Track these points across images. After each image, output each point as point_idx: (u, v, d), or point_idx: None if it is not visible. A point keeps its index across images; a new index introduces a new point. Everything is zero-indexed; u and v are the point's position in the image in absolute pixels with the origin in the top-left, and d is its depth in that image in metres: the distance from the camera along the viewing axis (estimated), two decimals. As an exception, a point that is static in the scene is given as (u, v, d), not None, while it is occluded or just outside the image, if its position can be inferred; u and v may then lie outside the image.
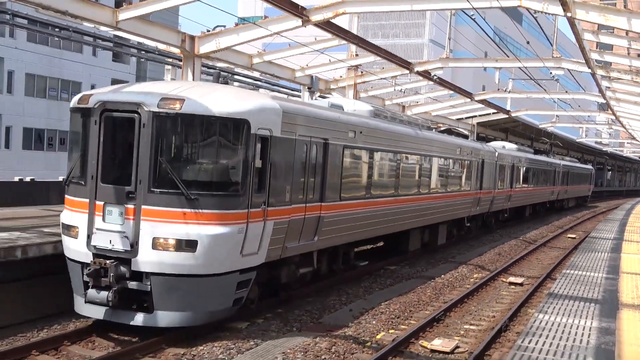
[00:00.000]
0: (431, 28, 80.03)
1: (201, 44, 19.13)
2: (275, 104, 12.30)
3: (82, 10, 15.92)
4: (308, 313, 14.02)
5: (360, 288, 17.01)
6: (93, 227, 11.13)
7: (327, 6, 17.45)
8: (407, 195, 19.73)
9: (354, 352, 11.38)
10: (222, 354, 10.89)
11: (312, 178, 13.69)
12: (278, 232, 12.29)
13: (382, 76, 28.52)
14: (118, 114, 11.17)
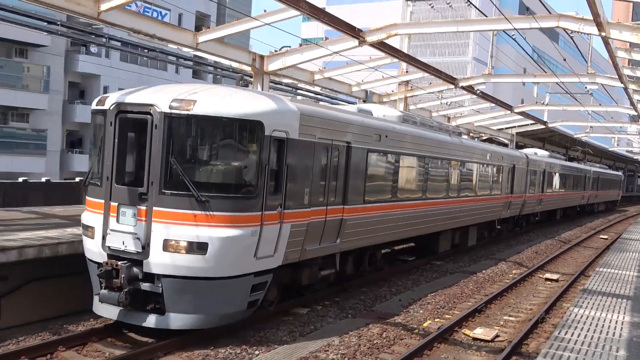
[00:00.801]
0: (474, 47, 78.84)
1: (269, 63, 19.28)
2: (292, 107, 11.02)
3: (167, 34, 16.29)
4: (362, 302, 13.95)
5: (408, 280, 16.83)
6: (107, 228, 10.09)
7: (381, 28, 17.39)
8: (435, 198, 18.07)
9: (403, 338, 11.27)
10: (286, 336, 10.95)
11: (333, 181, 12.30)
12: (296, 235, 11.01)
13: (429, 91, 28.21)
14: (132, 116, 10.09)
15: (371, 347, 10.52)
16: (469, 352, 10.84)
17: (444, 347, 10.95)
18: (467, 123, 35.62)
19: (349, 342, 10.63)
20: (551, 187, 34.97)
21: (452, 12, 27.84)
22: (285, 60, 19.20)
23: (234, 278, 9.86)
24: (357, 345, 10.48)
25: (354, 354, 10.08)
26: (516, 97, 68.74)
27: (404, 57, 20.85)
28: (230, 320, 10.21)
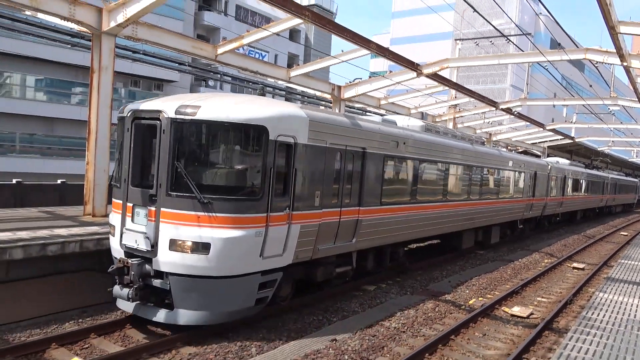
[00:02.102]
0: (512, 76, 76.13)
1: (345, 91, 19.39)
2: (301, 113, 9.39)
3: (267, 70, 16.69)
4: (418, 282, 13.71)
5: (456, 266, 16.39)
6: (124, 227, 8.90)
7: (435, 63, 17.19)
8: (455, 200, 16.05)
9: (452, 312, 10.99)
10: (357, 307, 10.90)
11: (348, 184, 10.68)
12: (306, 235, 9.51)
13: (474, 112, 27.56)
14: (145, 121, 8.81)
15: (426, 318, 10.33)
16: (507, 326, 10.44)
17: (486, 321, 10.60)
18: (505, 138, 34.59)
19: (407, 314, 10.48)
20: (572, 191, 32.37)
21: (493, 47, 27.10)
22: (358, 90, 19.29)
23: (239, 277, 8.46)
24: (415, 317, 10.31)
25: (412, 323, 9.92)
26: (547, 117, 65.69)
27: (453, 85, 20.49)
28: (237, 316, 8.78)
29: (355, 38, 14.03)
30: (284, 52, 47.88)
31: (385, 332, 9.22)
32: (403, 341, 8.94)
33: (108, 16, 11.46)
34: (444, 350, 8.77)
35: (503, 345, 9.30)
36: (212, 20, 42.72)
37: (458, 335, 9.51)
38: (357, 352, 8.15)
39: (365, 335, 8.97)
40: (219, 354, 7.91)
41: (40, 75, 33.28)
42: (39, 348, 7.65)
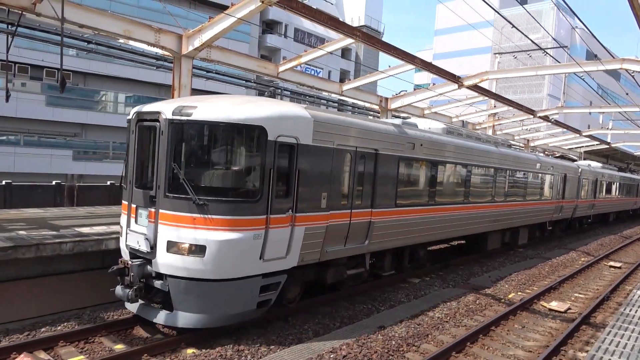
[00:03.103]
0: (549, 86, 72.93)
1: (392, 102, 19.19)
2: (304, 113, 8.25)
3: (322, 85, 16.77)
4: (459, 276, 13.34)
5: (495, 262, 15.84)
6: (129, 228, 8.13)
7: (475, 75, 16.71)
8: (478, 202, 14.46)
9: (492, 305, 10.62)
10: (403, 298, 10.75)
11: (359, 186, 9.51)
12: (312, 237, 8.44)
13: (513, 120, 26.58)
14: (147, 123, 7.96)
15: (467, 310, 10.05)
16: (545, 319, 9.98)
17: (525, 314, 10.18)
18: (543, 144, 33.16)
19: (450, 305, 10.22)
20: (604, 194, 29.54)
21: (531, 59, 26.09)
22: (403, 101, 19.03)
23: (238, 280, 7.49)
24: (457, 308, 10.05)
25: (454, 314, 9.67)
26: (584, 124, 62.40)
27: (493, 95, 19.84)
28: (238, 320, 7.79)
29: (402, 54, 13.87)
30: (337, 68, 48.00)
31: (429, 322, 9.04)
32: (446, 330, 8.73)
33: (187, 41, 11.88)
34: (485, 340, 8.49)
35: (541, 337, 8.90)
36: (274, 42, 43.45)
37: (498, 326, 9.19)
38: (403, 338, 8.04)
39: (411, 323, 8.83)
40: (281, 335, 8.01)
41: (130, 92, 34.99)
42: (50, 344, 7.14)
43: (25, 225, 10.07)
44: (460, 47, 77.46)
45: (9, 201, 15.37)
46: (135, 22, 11.36)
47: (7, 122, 29.47)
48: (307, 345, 7.45)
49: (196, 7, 35.84)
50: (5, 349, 6.79)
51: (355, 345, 7.47)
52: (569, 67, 16.71)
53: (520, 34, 14.74)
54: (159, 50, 12.19)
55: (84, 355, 6.94)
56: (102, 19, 10.61)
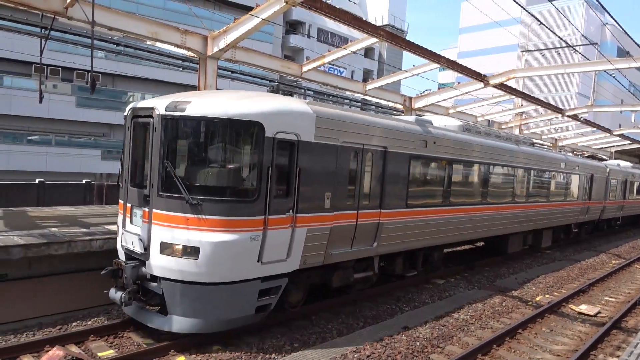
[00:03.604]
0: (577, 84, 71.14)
1: (416, 102, 19.04)
2: (305, 108, 7.76)
3: (346, 85, 16.78)
4: (485, 278, 13.15)
5: (522, 264, 15.55)
6: (124, 228, 7.77)
7: (502, 73, 16.43)
8: (498, 203, 13.74)
9: (519, 308, 10.44)
10: (427, 298, 10.67)
11: (366, 185, 9.01)
12: (315, 239, 7.97)
13: (540, 119, 26.04)
14: (141, 120, 7.55)
15: (494, 312, 9.89)
16: (574, 323, 9.75)
17: (553, 317, 9.97)
18: (571, 143, 32.39)
19: (475, 307, 10.09)
20: (634, 194, 27.89)
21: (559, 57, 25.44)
22: (428, 100, 18.85)
23: (233, 283, 7.07)
24: (482, 310, 9.91)
25: (480, 316, 9.54)
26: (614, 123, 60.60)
27: (519, 94, 19.49)
28: (236, 325, 7.37)
29: (426, 53, 13.74)
30: (360, 67, 47.86)
31: (454, 323, 8.94)
32: (471, 332, 8.62)
33: (212, 42, 12.04)
34: (511, 342, 8.35)
35: (570, 341, 8.70)
36: (297, 42, 43.61)
37: (525, 329, 9.02)
38: (427, 339, 7.97)
39: (435, 324, 8.75)
40: (304, 334, 8.04)
41: (157, 93, 35.66)
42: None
43: (57, 223, 10.37)
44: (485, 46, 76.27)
45: (41, 199, 15.86)
46: (162, 24, 11.58)
47: (40, 122, 30.41)
48: (330, 344, 7.46)
49: (220, 9, 36.27)
50: (39, 342, 7.02)
51: (379, 346, 7.45)
52: (600, 64, 16.27)
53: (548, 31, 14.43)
54: (185, 51, 12.38)
55: (113, 350, 7.11)
56: (131, 22, 10.85)
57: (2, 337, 7.39)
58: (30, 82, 30.10)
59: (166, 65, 19.41)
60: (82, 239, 8.75)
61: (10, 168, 28.81)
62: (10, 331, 7.61)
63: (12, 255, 7.86)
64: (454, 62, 15.22)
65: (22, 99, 29.00)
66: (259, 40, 34.30)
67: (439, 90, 19.49)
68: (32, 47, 22.35)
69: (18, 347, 6.86)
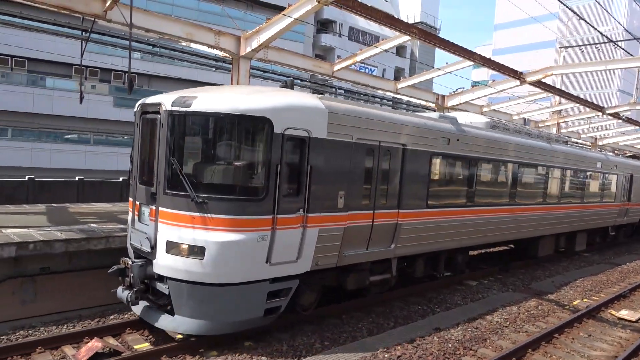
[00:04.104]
0: (619, 81, 68.48)
1: (448, 100, 18.79)
2: (317, 104, 7.41)
3: (377, 83, 16.70)
4: (520, 280, 12.85)
5: (559, 267, 15.11)
6: (133, 226, 7.61)
7: (539, 70, 16.01)
8: (527, 204, 13.10)
9: (555, 312, 10.15)
10: (460, 300, 10.51)
11: (383, 184, 8.58)
12: (327, 240, 7.63)
13: (579, 117, 25.20)
14: (149, 116, 7.33)
15: (529, 315, 9.66)
16: (614, 328, 9.41)
17: (591, 322, 9.65)
18: (612, 142, 31.24)
19: (510, 310, 9.87)
20: None
21: (599, 53, 24.59)
22: (461, 98, 18.58)
23: (240, 285, 6.82)
24: (517, 313, 9.68)
25: (515, 319, 9.33)
26: (659, 121, 58.16)
27: (557, 92, 18.94)
28: (244, 327, 7.13)
29: (460, 51, 13.51)
30: (391, 66, 47.50)
31: (487, 326, 8.78)
32: (505, 335, 8.44)
33: (245, 43, 12.20)
34: (547, 347, 8.14)
35: (609, 347, 8.40)
36: (329, 41, 43.65)
37: (562, 334, 8.78)
38: (460, 341, 7.85)
39: (468, 327, 8.61)
40: (335, 332, 8.06)
41: (190, 93, 36.36)
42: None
43: (96, 219, 10.74)
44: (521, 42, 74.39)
45: (81, 196, 16.45)
46: (196, 25, 11.81)
47: (79, 122, 31.54)
48: (361, 343, 7.45)
49: (253, 9, 36.68)
50: (79, 334, 7.29)
51: (410, 346, 7.39)
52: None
53: (587, 26, 13.96)
54: (218, 51, 12.59)
55: (149, 343, 7.31)
56: (166, 23, 11.11)
57: (45, 327, 7.73)
58: (71, 83, 31.28)
59: (200, 65, 19.79)
60: (119, 235, 9.03)
61: (52, 166, 30.02)
62: (52, 322, 7.94)
63: (54, 250, 8.19)
64: (489, 60, 14.93)
65: (63, 100, 30.17)
66: (290, 39, 34.53)
67: (472, 89, 19.19)
68: (73, 49, 23.16)
69: (59, 338, 7.16)
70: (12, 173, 24.90)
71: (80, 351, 6.75)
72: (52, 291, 8.36)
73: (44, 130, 31.16)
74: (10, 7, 13.42)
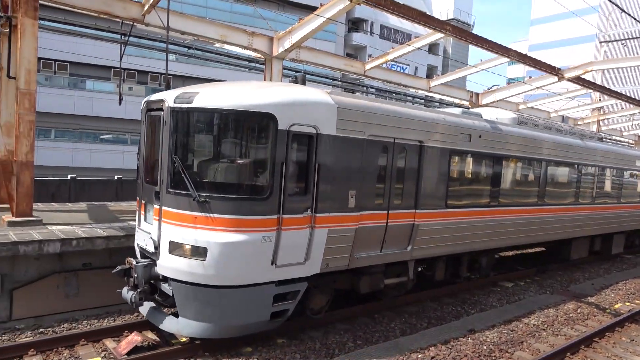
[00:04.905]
0: (665, 76, 65.50)
1: (483, 98, 18.48)
2: (325, 99, 7.07)
3: (410, 82, 16.60)
4: (558, 282, 12.50)
5: (600, 269, 14.60)
6: (139, 225, 7.49)
7: (579, 66, 15.58)
8: (557, 204, 12.37)
9: (595, 315, 9.83)
10: (495, 302, 10.31)
11: (398, 183, 8.19)
12: (338, 241, 7.30)
13: (621, 114, 24.29)
14: (154, 113, 7.11)
15: (567, 318, 9.39)
16: (659, 334, 9.03)
17: (634, 327, 9.28)
18: (658, 140, 30.00)
19: (547, 312, 9.62)
20: None
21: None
22: (496, 96, 18.27)
23: (245, 287, 6.57)
24: (555, 316, 9.43)
25: (552, 322, 9.09)
26: None
27: (598, 88, 18.34)
28: (249, 331, 6.87)
29: (495, 47, 13.27)
30: (423, 64, 46.97)
31: (524, 328, 8.58)
32: (543, 338, 8.24)
33: (277, 43, 12.35)
34: (587, 351, 7.89)
35: (655, 353, 8.08)
36: (360, 40, 43.56)
37: (602, 338, 8.49)
38: (495, 344, 7.72)
39: (504, 329, 8.45)
40: (367, 331, 8.06)
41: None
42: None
43: (134, 217, 11.06)
44: (559, 37, 72.19)
45: (120, 194, 16.99)
46: (230, 27, 12.02)
47: (118, 123, 32.57)
48: (394, 343, 7.42)
49: (285, 9, 36.97)
50: (119, 327, 7.55)
51: (444, 347, 7.32)
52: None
53: (630, 19, 13.43)
54: (251, 52, 12.77)
55: (186, 337, 7.49)
56: (202, 26, 11.36)
57: (87, 321, 8.04)
58: (109, 85, 32.38)
59: (233, 66, 20.11)
60: (157, 233, 9.26)
61: (92, 165, 31.12)
62: (94, 316, 8.26)
63: (96, 246, 8.51)
64: (525, 56, 14.59)
65: (102, 101, 31.23)
66: (322, 39, 34.64)
67: (508, 86, 18.79)
68: (111, 52, 23.88)
69: (101, 331, 7.43)
70: (55, 172, 25.97)
71: (121, 344, 6.99)
72: (93, 286, 8.67)
73: (84, 130, 32.35)
74: (55, 14, 14.01)
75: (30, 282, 8.03)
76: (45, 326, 7.74)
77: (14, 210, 9.23)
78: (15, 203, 9.18)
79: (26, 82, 8.98)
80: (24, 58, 8.96)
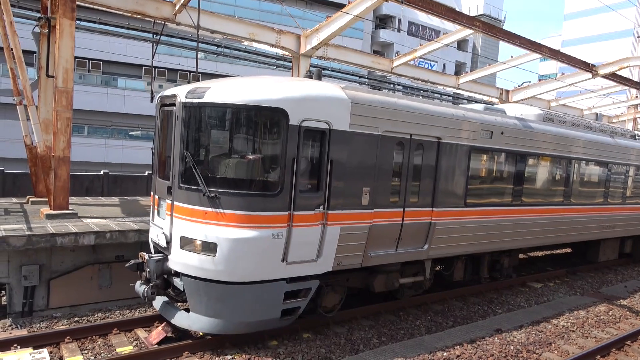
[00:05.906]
0: None
1: (513, 95, 18.17)
2: (338, 93, 6.94)
3: (438, 79, 16.45)
4: (589, 284, 12.21)
5: (634, 271, 14.18)
6: (152, 220, 7.53)
7: (614, 62, 15.14)
8: (584, 204, 11.92)
9: (628, 318, 9.57)
10: (523, 302, 10.17)
11: (414, 180, 8.01)
12: (351, 238, 7.19)
13: (659, 112, 23.48)
14: (167, 108, 7.11)
15: (598, 321, 9.18)
16: (696, 339, 8.73)
17: (669, 331, 9.02)
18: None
19: (577, 314, 9.43)
20: None
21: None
22: (527, 93, 17.94)
23: (255, 283, 6.52)
24: (585, 318, 9.24)
25: (582, 324, 8.91)
26: None
27: (634, 84, 17.76)
28: (260, 328, 6.83)
29: (526, 43, 13.02)
30: (452, 60, 46.33)
31: (552, 329, 8.45)
32: (572, 340, 8.09)
33: (305, 41, 12.43)
34: (618, 354, 7.71)
35: (690, 358, 7.83)
36: (387, 37, 43.26)
37: (634, 341, 8.27)
38: (523, 344, 7.63)
39: (532, 329, 8.33)
40: (392, 328, 8.08)
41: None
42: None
43: (164, 212, 11.35)
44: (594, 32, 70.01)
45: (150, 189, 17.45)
46: (258, 25, 12.18)
47: (148, 120, 33.32)
48: (418, 340, 7.43)
49: (312, 7, 37.05)
50: (150, 318, 7.80)
51: (470, 347, 7.28)
52: None
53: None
54: (279, 50, 12.89)
55: (213, 330, 7.67)
56: (231, 24, 11.54)
57: (120, 311, 8.33)
58: (140, 83, 33.13)
59: (261, 64, 20.34)
60: (186, 227, 9.49)
61: (123, 161, 31.97)
62: (126, 307, 8.54)
63: (128, 239, 8.78)
64: (558, 52, 14.28)
65: (133, 99, 32.01)
66: (349, 36, 34.56)
67: (539, 82, 18.42)
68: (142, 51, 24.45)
69: (133, 321, 7.69)
70: (88, 168, 26.81)
71: (152, 334, 7.22)
72: (126, 278, 8.96)
73: (115, 127, 33.23)
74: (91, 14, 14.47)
75: (66, 272, 8.36)
76: (80, 315, 8.06)
77: (52, 204, 9.60)
78: (52, 196, 9.55)
79: (64, 81, 9.33)
80: (61, 57, 9.31)
